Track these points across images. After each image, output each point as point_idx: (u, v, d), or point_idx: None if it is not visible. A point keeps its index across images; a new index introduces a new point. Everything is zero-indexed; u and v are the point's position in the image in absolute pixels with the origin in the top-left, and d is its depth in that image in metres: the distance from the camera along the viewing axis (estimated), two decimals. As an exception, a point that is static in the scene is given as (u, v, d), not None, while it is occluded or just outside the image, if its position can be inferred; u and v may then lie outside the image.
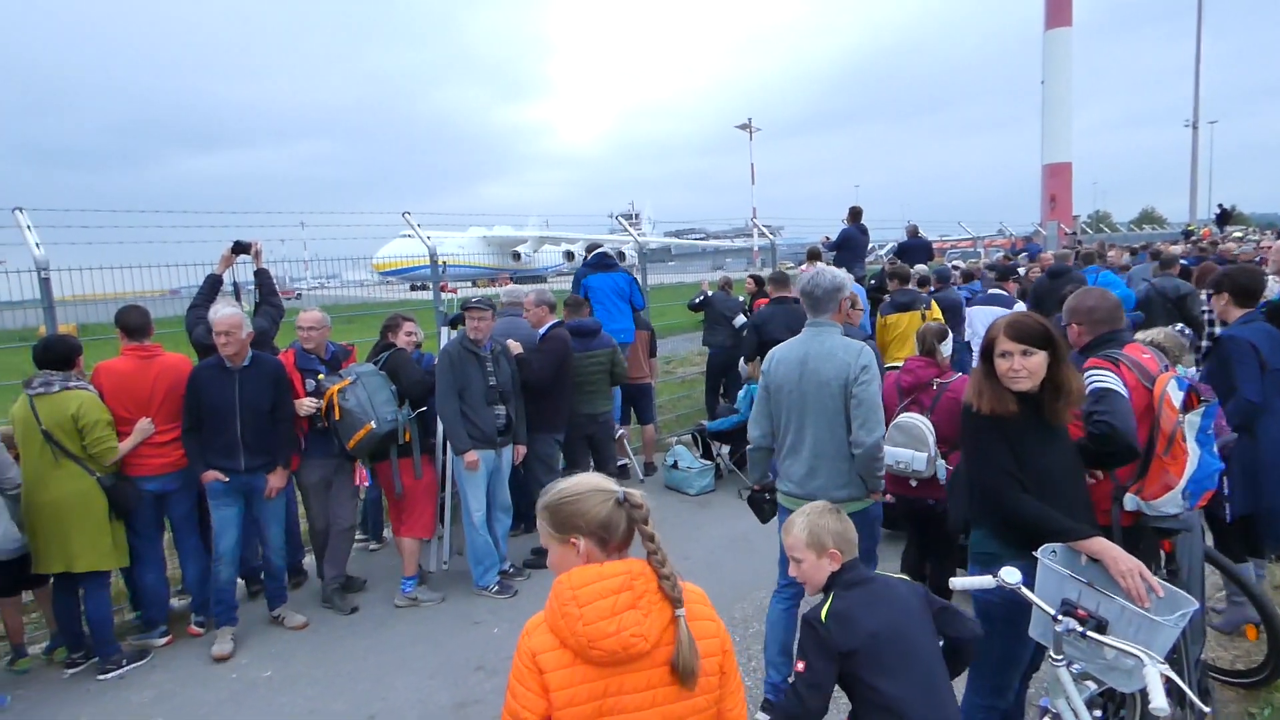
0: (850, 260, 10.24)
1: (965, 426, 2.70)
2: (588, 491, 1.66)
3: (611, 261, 6.96)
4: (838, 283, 3.41)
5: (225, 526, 4.40)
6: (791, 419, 3.39)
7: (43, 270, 4.66)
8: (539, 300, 5.58)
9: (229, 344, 4.25)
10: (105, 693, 4.01)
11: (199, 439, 4.34)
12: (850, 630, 2.05)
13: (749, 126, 43.00)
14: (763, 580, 4.91)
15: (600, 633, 1.53)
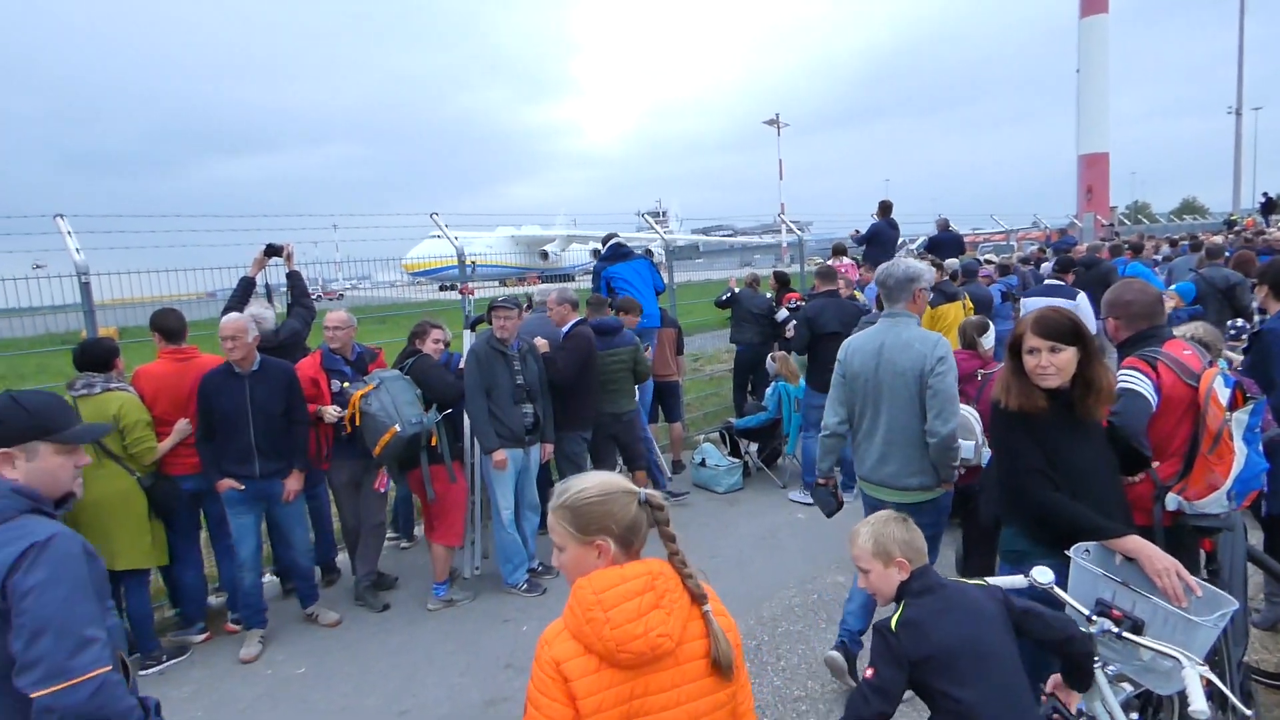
0: (880, 255, 10.11)
1: (994, 423, 2.68)
2: (615, 493, 1.62)
3: (628, 250, 6.93)
4: (911, 273, 3.51)
5: (244, 534, 4.41)
6: (867, 407, 3.49)
7: (83, 275, 4.78)
8: (561, 298, 5.58)
9: (235, 349, 4.24)
10: (145, 687, 4.04)
11: (212, 447, 4.34)
12: (921, 639, 1.99)
13: (777, 122, 42.74)
14: (790, 579, 4.89)
15: (628, 635, 1.50)
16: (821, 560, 5.15)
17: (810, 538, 5.58)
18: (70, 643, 1.69)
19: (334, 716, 3.77)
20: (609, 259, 6.95)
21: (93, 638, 1.73)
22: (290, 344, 5.11)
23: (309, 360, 4.87)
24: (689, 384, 9.47)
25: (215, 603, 4.92)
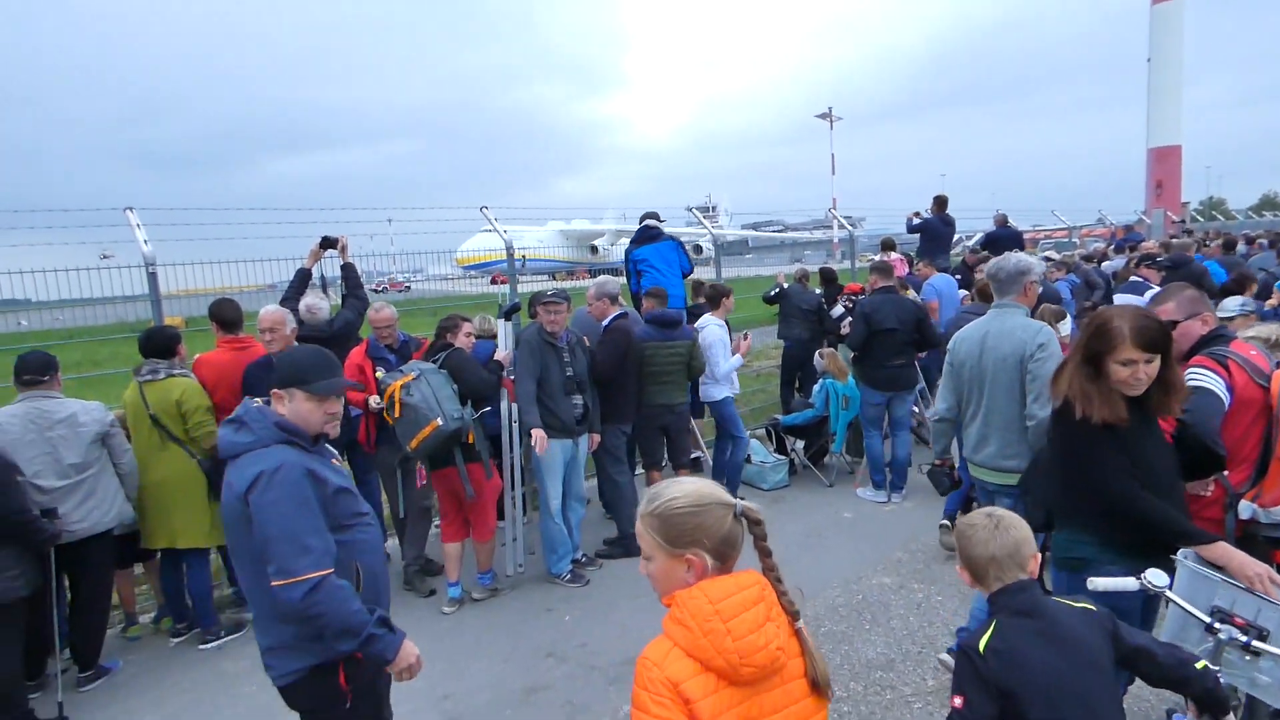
0: (933, 251, 9.91)
1: (1064, 429, 2.52)
2: (709, 504, 1.50)
3: (657, 231, 6.85)
4: (1022, 266, 3.68)
5: None
6: (972, 393, 3.68)
7: (150, 266, 4.98)
8: (600, 293, 5.60)
9: (274, 340, 4.30)
10: (205, 661, 4.27)
11: None
12: (1011, 670, 1.77)
13: (829, 116, 42.09)
14: (835, 578, 4.83)
15: (751, 647, 1.40)
16: (867, 561, 5.08)
17: (856, 538, 5.52)
18: (293, 548, 2.09)
19: (380, 698, 3.86)
20: (636, 242, 6.92)
21: (311, 546, 2.11)
22: (344, 334, 5.25)
23: (358, 349, 5.02)
24: (736, 379, 9.40)
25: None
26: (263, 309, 4.38)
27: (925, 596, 4.55)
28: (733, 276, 14.37)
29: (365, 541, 2.38)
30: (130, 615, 4.68)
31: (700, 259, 9.80)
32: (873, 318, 6.02)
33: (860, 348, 6.14)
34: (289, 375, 2.31)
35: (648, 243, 6.80)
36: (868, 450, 6.35)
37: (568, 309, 5.04)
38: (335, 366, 2.39)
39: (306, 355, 2.40)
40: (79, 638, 4.07)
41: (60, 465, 3.82)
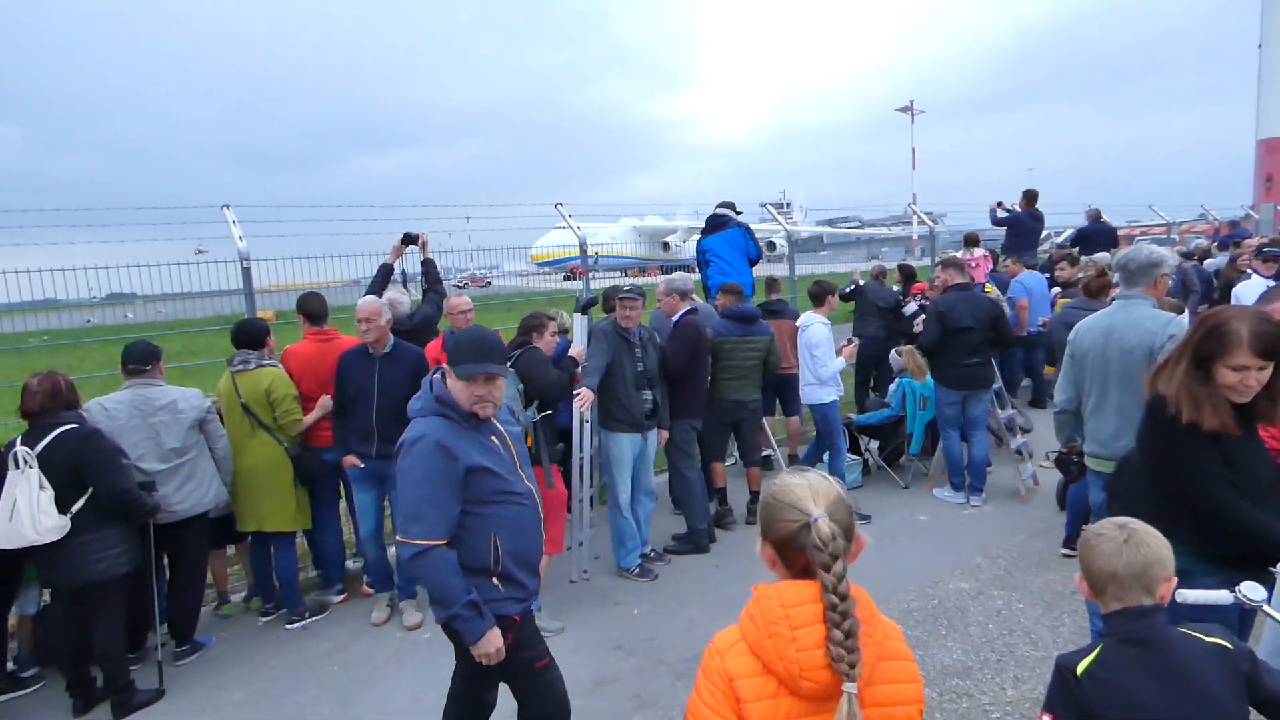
0: (1020, 247, 9.55)
1: (1161, 432, 2.38)
2: (787, 503, 1.43)
3: (724, 219, 6.77)
4: (1154, 259, 3.66)
5: (365, 511, 4.63)
6: (1094, 385, 3.64)
7: (244, 261, 5.24)
8: (669, 289, 5.60)
9: (369, 330, 4.40)
10: (291, 641, 4.47)
11: (344, 424, 4.57)
12: (1107, 702, 1.61)
13: (910, 109, 40.98)
14: (910, 581, 4.71)
15: (813, 663, 1.33)
16: (943, 565, 4.93)
17: (932, 541, 5.36)
18: (410, 513, 2.38)
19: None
20: (704, 231, 6.89)
21: (424, 515, 2.37)
22: (423, 328, 5.40)
23: (435, 343, 5.17)
24: (808, 378, 9.26)
25: (353, 567, 5.27)
26: (360, 299, 4.54)
27: (1005, 603, 4.38)
28: (806, 274, 14.14)
29: (508, 519, 2.53)
30: (223, 594, 4.93)
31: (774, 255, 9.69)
32: (947, 316, 5.84)
33: (934, 347, 5.97)
34: (448, 353, 2.55)
35: (715, 231, 6.76)
36: (945, 451, 6.18)
37: (643, 305, 5.07)
38: (487, 351, 2.48)
39: (463, 336, 2.57)
40: (176, 614, 4.31)
41: (161, 449, 4.05)
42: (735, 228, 6.69)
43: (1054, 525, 5.44)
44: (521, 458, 2.68)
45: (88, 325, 8.13)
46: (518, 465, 2.60)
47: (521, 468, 2.62)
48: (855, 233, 34.27)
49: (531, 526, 2.63)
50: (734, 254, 6.66)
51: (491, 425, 2.56)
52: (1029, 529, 5.44)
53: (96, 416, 3.91)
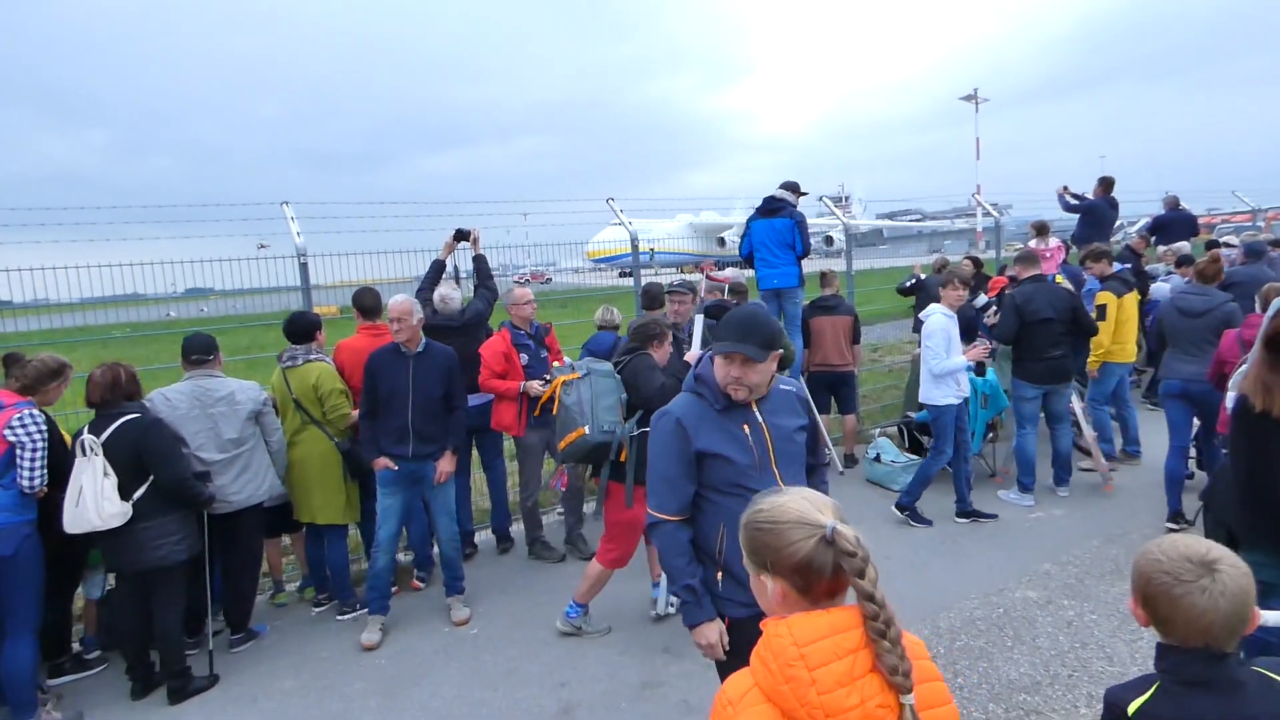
0: (1093, 235, 9.07)
1: (1239, 428, 2.26)
2: (789, 523, 1.28)
3: (776, 205, 6.53)
4: None
5: (387, 515, 4.40)
6: None
7: (301, 257, 5.33)
8: (710, 289, 5.58)
9: (401, 330, 4.32)
10: (342, 632, 4.52)
11: (374, 425, 4.38)
12: None
13: (974, 98, 39.70)
14: (972, 589, 4.49)
15: (839, 706, 1.18)
16: (1009, 571, 4.69)
17: (997, 546, 5.11)
18: (649, 485, 2.49)
19: (501, 677, 3.93)
20: (757, 211, 6.68)
21: (656, 489, 2.43)
22: (474, 323, 5.40)
23: (499, 337, 5.18)
24: (866, 375, 9.00)
25: (404, 560, 5.31)
26: (392, 298, 4.45)
27: (1077, 614, 4.14)
28: (865, 268, 13.82)
29: (739, 514, 2.28)
30: (278, 583, 5.03)
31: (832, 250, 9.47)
32: (1025, 308, 5.63)
33: (1013, 340, 5.74)
34: (716, 329, 2.49)
35: (764, 216, 6.57)
36: (1019, 450, 5.90)
37: (694, 300, 5.05)
38: (748, 332, 2.31)
39: (734, 313, 2.41)
40: (231, 602, 4.40)
41: (220, 440, 4.12)
42: (785, 218, 6.44)
43: (1129, 530, 5.15)
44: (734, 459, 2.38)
45: (168, 319, 8.43)
46: (772, 462, 2.37)
47: (778, 465, 2.38)
48: (916, 225, 33.41)
49: None
50: (773, 241, 6.45)
51: (749, 414, 2.38)
52: (1103, 534, 5.14)
53: (159, 406, 4.01)
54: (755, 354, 2.27)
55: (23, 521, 3.55)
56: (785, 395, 2.49)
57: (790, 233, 6.37)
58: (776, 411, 2.42)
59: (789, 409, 2.47)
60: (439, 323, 5.35)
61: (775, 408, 2.43)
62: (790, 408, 2.48)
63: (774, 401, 2.44)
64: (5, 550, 3.49)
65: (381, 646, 4.30)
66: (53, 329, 5.94)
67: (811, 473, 2.61)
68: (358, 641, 4.32)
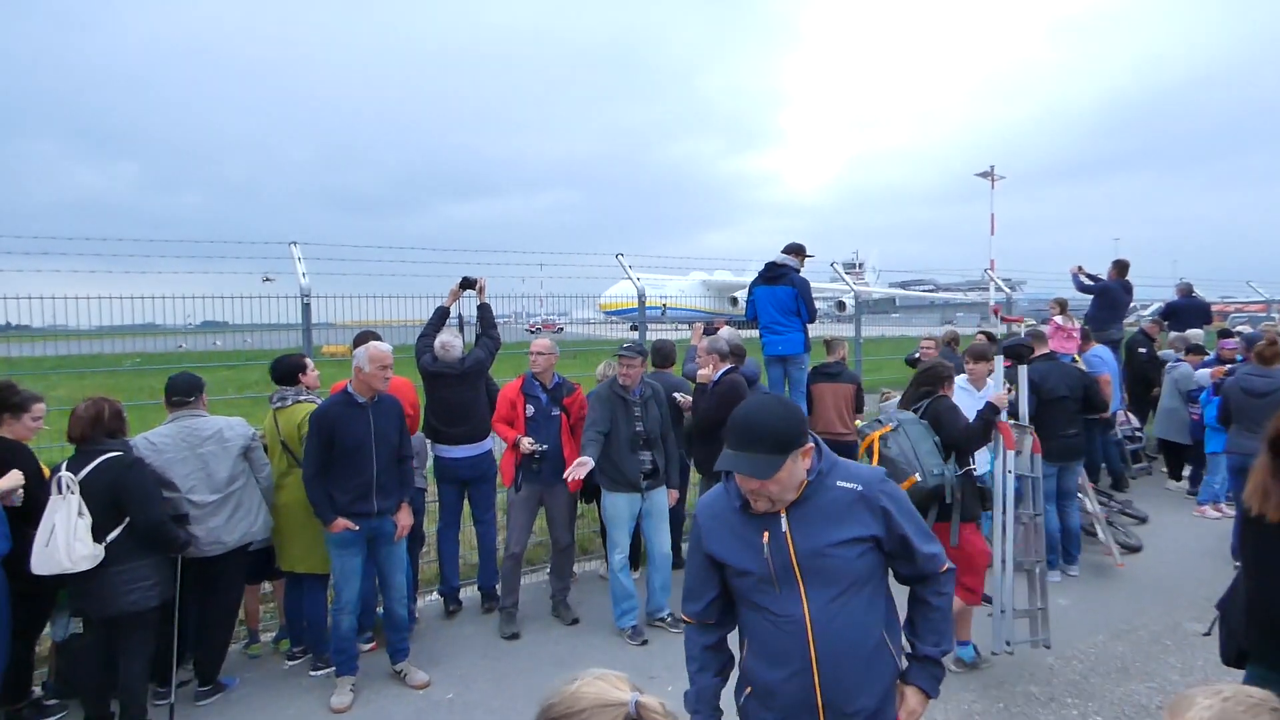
0: (1108, 320, 9.03)
1: (1247, 537, 2.18)
2: (587, 709, 1.15)
3: (778, 271, 6.55)
4: None
5: (351, 575, 4.19)
6: None
7: (305, 296, 5.34)
8: (710, 348, 5.42)
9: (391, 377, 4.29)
10: (313, 689, 4.33)
11: (324, 484, 4.08)
12: None
13: (991, 174, 40.19)
14: (971, 680, 4.29)
15: None
16: (1010, 664, 4.48)
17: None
18: None
19: (473, 750, 3.75)
20: (760, 277, 6.69)
21: (685, 586, 2.18)
22: (473, 371, 5.33)
23: (512, 384, 5.13)
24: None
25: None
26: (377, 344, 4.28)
27: (1081, 714, 3.93)
28: (875, 335, 13.77)
29: (758, 632, 2.12)
30: (253, 632, 4.85)
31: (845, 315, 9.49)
32: (1042, 386, 5.66)
33: (1032, 420, 5.63)
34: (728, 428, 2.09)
35: (768, 283, 6.57)
36: (1048, 525, 5.75)
37: (642, 363, 5.02)
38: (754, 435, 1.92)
39: (735, 417, 2.00)
40: (204, 652, 4.23)
41: (213, 480, 4.03)
42: (786, 285, 6.43)
43: (1136, 626, 4.94)
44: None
45: (179, 350, 8.45)
46: (798, 580, 1.96)
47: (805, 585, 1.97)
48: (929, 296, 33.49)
49: (786, 657, 1.98)
50: (780, 311, 6.44)
51: (773, 519, 1.98)
52: (1109, 629, 4.93)
53: (144, 451, 3.89)
54: (763, 467, 1.88)
55: None
56: (839, 499, 1.99)
57: (793, 300, 6.37)
58: (815, 519, 1.97)
59: (838, 517, 1.97)
60: (439, 369, 5.30)
61: (815, 514, 1.97)
62: (842, 515, 1.97)
63: (816, 506, 1.98)
64: None
65: (352, 708, 4.12)
66: (67, 355, 5.96)
67: (912, 586, 2.14)
68: (328, 702, 4.14)
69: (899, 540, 2.02)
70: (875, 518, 1.99)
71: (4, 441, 3.76)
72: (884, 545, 2.01)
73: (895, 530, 2.01)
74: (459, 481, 5.28)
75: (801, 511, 1.97)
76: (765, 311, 6.45)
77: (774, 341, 6.43)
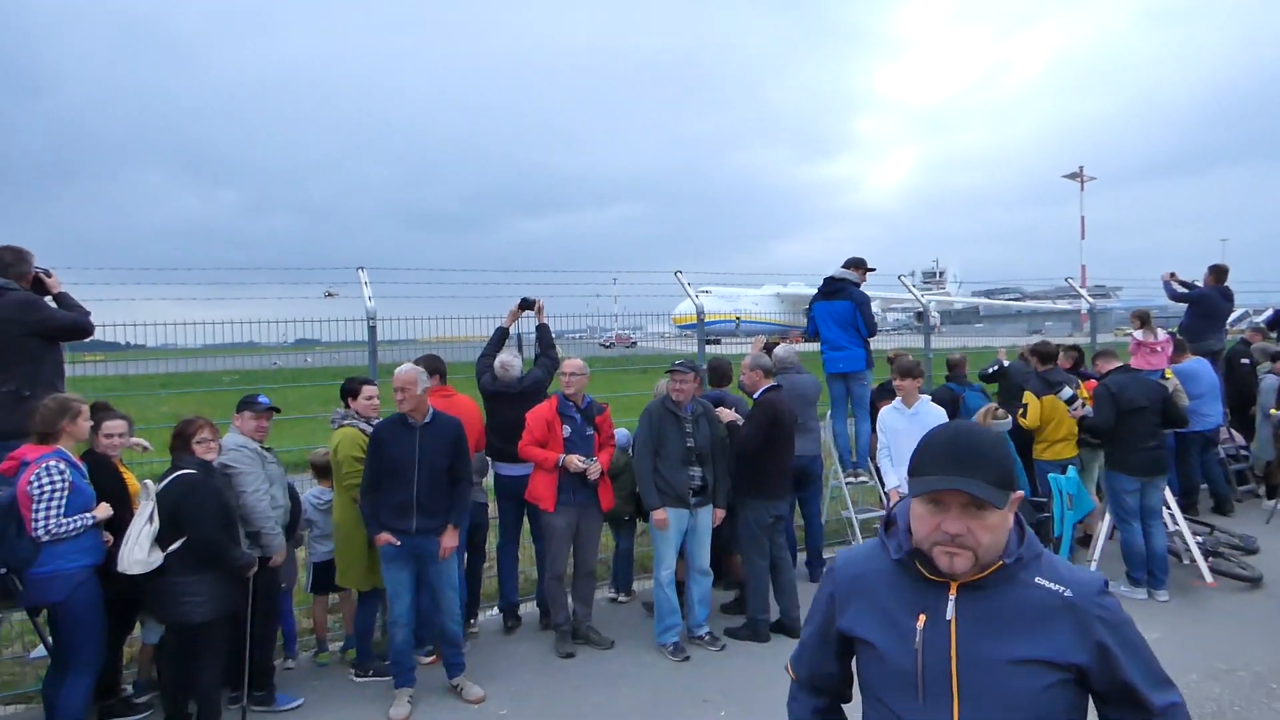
0: (1206, 330, 8.44)
1: None
2: None
3: (836, 286, 6.51)
4: None
5: (399, 590, 4.29)
6: None
7: (370, 319, 5.55)
8: (754, 364, 5.37)
9: (405, 400, 4.23)
10: (375, 700, 4.41)
11: (375, 499, 4.25)
12: None
13: (1080, 175, 38.43)
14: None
15: None
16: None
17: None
18: None
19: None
20: (819, 294, 6.65)
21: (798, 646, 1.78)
22: (533, 391, 5.41)
23: (546, 404, 5.04)
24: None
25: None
26: (398, 368, 4.35)
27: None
28: (955, 346, 13.31)
29: None
30: (321, 641, 5.03)
31: (924, 327, 9.25)
32: (1121, 397, 5.54)
33: (1110, 430, 5.63)
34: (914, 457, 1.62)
35: (825, 298, 6.49)
36: (1127, 544, 5.70)
37: (696, 379, 5.02)
38: (973, 457, 1.44)
39: (939, 434, 1.55)
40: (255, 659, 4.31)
41: (274, 498, 4.25)
42: (844, 300, 6.33)
43: (1236, 666, 4.54)
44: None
45: (274, 368, 8.94)
46: (953, 697, 1.44)
47: (960, 707, 1.43)
48: (1015, 305, 32.15)
49: None
50: (840, 326, 6.36)
51: (940, 600, 1.47)
52: (1204, 667, 4.52)
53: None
54: (989, 494, 1.39)
55: (78, 568, 3.67)
56: (1037, 601, 1.44)
57: (852, 314, 6.26)
58: (995, 618, 1.44)
59: (1029, 625, 1.42)
60: (498, 389, 5.40)
61: (998, 611, 1.44)
62: (1035, 624, 1.42)
63: (1003, 601, 1.44)
64: (58, 596, 3.62)
65: (411, 716, 4.21)
66: (174, 373, 6.39)
67: None
68: (387, 713, 4.24)
69: (1118, 685, 1.43)
70: (1083, 642, 1.42)
71: (91, 454, 4.08)
72: (1091, 683, 1.44)
73: (1112, 668, 1.42)
74: (518, 499, 5.31)
75: (981, 602, 1.45)
76: (826, 327, 6.38)
77: (835, 358, 6.35)
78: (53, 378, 4.29)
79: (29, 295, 4.27)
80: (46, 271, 4.43)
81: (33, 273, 4.35)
